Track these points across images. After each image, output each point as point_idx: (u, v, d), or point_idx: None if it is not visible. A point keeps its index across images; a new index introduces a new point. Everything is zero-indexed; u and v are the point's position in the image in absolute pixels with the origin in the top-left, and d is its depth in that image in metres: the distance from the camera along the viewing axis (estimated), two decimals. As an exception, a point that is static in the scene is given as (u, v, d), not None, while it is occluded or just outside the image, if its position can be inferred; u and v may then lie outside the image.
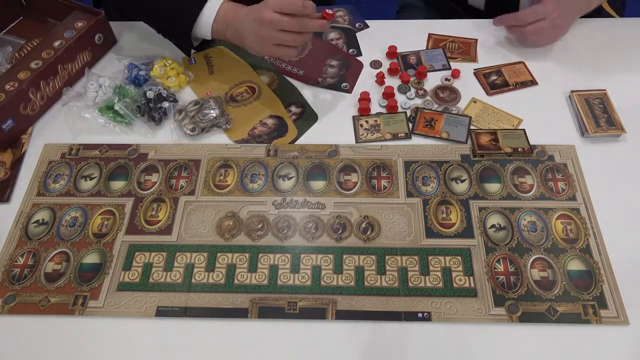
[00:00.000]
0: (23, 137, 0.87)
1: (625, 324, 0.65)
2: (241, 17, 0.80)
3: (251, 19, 0.78)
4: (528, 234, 0.73)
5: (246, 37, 0.80)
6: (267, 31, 0.77)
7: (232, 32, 0.82)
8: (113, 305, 0.69)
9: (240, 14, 0.81)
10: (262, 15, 0.76)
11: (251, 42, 0.80)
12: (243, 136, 0.86)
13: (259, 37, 0.78)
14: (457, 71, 0.92)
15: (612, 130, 0.82)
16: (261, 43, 0.79)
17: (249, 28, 0.79)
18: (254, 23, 0.78)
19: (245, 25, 0.79)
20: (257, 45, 0.80)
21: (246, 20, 0.79)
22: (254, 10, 0.78)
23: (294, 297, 0.68)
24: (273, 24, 0.76)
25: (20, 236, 0.75)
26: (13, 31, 1.03)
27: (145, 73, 0.91)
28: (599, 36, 0.97)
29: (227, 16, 0.82)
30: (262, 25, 0.76)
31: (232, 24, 0.82)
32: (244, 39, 0.81)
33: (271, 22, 0.75)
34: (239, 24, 0.81)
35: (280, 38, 0.77)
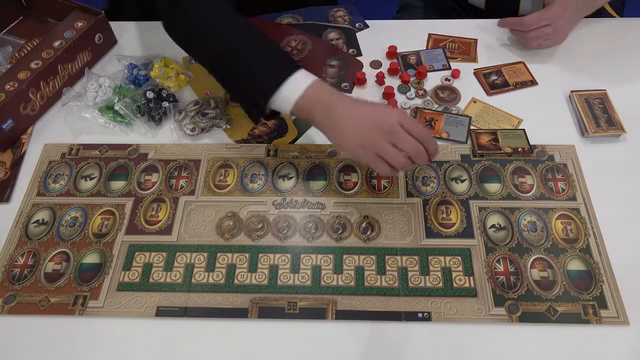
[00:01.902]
0: (23, 137, 0.87)
1: (625, 324, 0.65)
2: (346, 106, 0.69)
3: (366, 115, 0.67)
4: (528, 234, 0.73)
5: (345, 128, 0.68)
6: (381, 137, 0.66)
7: (322, 114, 0.69)
8: (113, 305, 0.69)
9: (345, 101, 0.69)
10: (386, 120, 0.66)
11: (349, 137, 0.68)
12: (243, 136, 0.86)
13: (367, 138, 0.66)
14: (457, 71, 0.92)
15: (612, 130, 0.82)
16: (364, 144, 0.67)
17: (357, 123, 0.67)
18: (367, 121, 0.67)
19: (351, 116, 0.68)
20: (356, 143, 0.68)
21: (356, 112, 0.68)
22: (372, 108, 0.68)
23: (294, 297, 0.68)
24: (393, 135, 0.66)
25: (20, 236, 0.75)
26: (13, 31, 1.03)
27: (145, 73, 0.91)
28: (599, 36, 0.97)
29: (321, 96, 0.69)
30: (378, 129, 0.66)
31: (326, 107, 0.69)
32: (339, 129, 0.68)
33: (393, 132, 0.65)
34: (341, 111, 0.68)
35: (389, 152, 0.66)
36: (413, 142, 0.66)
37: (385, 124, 0.66)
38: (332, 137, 0.70)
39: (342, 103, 0.69)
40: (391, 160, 0.67)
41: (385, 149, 0.66)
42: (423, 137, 0.67)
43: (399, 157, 0.66)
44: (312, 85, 0.69)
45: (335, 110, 0.68)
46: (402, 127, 0.66)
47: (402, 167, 0.68)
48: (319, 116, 0.69)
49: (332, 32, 1.01)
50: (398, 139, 0.66)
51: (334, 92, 0.70)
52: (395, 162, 0.67)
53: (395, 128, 0.66)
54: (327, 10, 1.06)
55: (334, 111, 0.68)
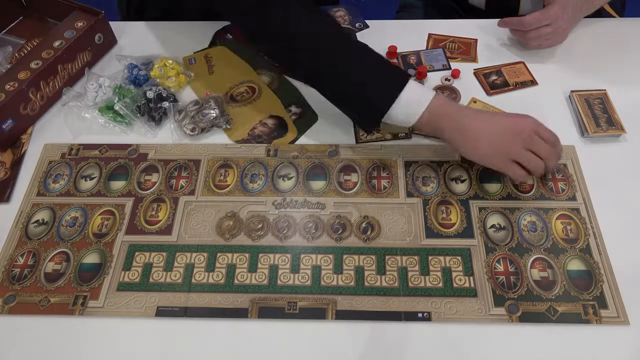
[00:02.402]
0: (23, 137, 0.87)
1: (625, 324, 0.65)
2: (477, 116, 0.73)
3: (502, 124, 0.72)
4: (528, 234, 0.73)
5: (481, 138, 0.71)
6: (519, 144, 0.70)
7: (452, 126, 0.72)
8: (113, 305, 0.69)
9: (474, 111, 0.74)
10: (524, 127, 0.71)
11: (486, 146, 0.71)
12: (243, 136, 0.86)
13: (505, 145, 0.70)
14: (457, 71, 0.92)
15: (612, 130, 0.82)
16: (502, 152, 0.71)
17: (493, 131, 0.71)
18: (504, 129, 0.71)
19: (486, 126, 0.72)
20: (493, 152, 0.71)
21: (490, 122, 0.72)
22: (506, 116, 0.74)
23: (294, 297, 0.68)
24: (531, 142, 0.70)
25: (20, 236, 0.75)
26: (13, 31, 1.03)
27: (145, 73, 0.91)
28: (599, 36, 0.97)
29: (446, 109, 0.73)
30: (517, 136, 0.70)
31: (455, 118, 0.72)
32: (474, 139, 0.72)
33: (531, 138, 0.70)
34: (473, 121, 0.72)
35: (529, 159, 0.70)
36: (548, 147, 0.71)
37: (524, 131, 0.70)
38: (465, 147, 0.73)
39: (474, 117, 0.72)
40: (530, 165, 0.71)
41: (524, 155, 0.70)
42: (554, 141, 0.72)
43: (537, 161, 0.70)
44: (435, 99, 0.72)
45: (467, 120, 0.72)
46: (537, 133, 0.71)
47: (539, 172, 0.72)
48: (451, 130, 0.72)
49: (332, 32, 1.01)
50: (535, 145, 0.70)
51: (456, 104, 0.73)
52: (534, 167, 0.71)
53: (533, 135, 0.70)
54: (327, 10, 1.06)
55: (466, 122, 0.72)
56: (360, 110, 0.78)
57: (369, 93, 0.73)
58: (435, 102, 0.72)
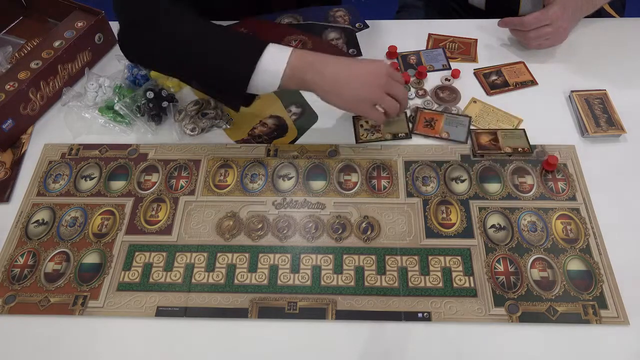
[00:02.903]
0: (23, 137, 0.87)
1: (625, 324, 0.65)
2: (338, 65, 0.74)
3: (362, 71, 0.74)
4: (528, 234, 0.73)
5: (345, 85, 0.73)
6: (379, 89, 0.74)
7: (316, 77, 0.73)
8: (113, 305, 0.69)
9: (335, 60, 0.74)
10: (381, 72, 0.74)
11: (349, 93, 0.74)
12: (243, 136, 0.86)
13: (367, 90, 0.74)
14: (457, 71, 0.92)
15: (612, 130, 0.82)
16: (365, 97, 0.75)
17: (355, 78, 0.73)
18: (364, 75, 0.74)
19: (348, 73, 0.73)
20: (356, 97, 0.74)
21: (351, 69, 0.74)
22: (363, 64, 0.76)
23: (294, 297, 0.68)
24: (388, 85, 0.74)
25: (20, 236, 0.75)
26: (13, 31, 1.03)
27: (145, 73, 0.91)
28: (599, 36, 0.97)
29: (308, 60, 0.73)
30: (376, 81, 0.74)
31: (318, 69, 0.72)
32: (339, 87, 0.73)
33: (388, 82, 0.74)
34: (335, 70, 0.73)
35: (387, 101, 0.75)
36: (402, 89, 0.77)
37: (382, 76, 0.74)
38: (329, 95, 0.74)
39: (333, 63, 0.74)
40: (388, 107, 0.76)
41: (383, 98, 0.75)
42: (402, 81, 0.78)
43: (394, 103, 0.76)
44: (293, 53, 0.72)
45: (329, 70, 0.73)
46: (390, 76, 0.75)
47: (395, 112, 0.77)
48: (313, 79, 0.73)
49: (332, 32, 1.01)
50: (394, 88, 0.75)
51: (317, 54, 0.74)
52: (392, 108, 0.76)
53: (389, 79, 0.75)
54: (327, 10, 1.06)
55: (328, 71, 0.73)
56: (225, 89, 0.76)
57: (227, 70, 0.72)
58: (294, 57, 0.72)
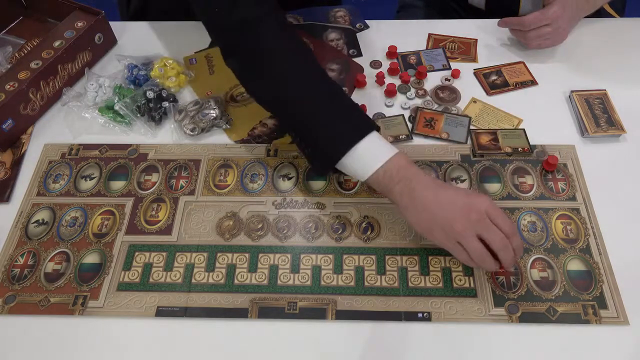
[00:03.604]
0: (23, 137, 0.87)
1: (625, 324, 0.65)
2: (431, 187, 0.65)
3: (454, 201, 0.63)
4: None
5: (429, 211, 0.64)
6: (467, 227, 0.62)
7: (404, 191, 0.65)
8: (113, 305, 0.69)
9: (430, 182, 0.66)
10: (476, 209, 0.62)
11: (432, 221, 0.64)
12: (243, 136, 0.86)
13: (452, 225, 0.62)
14: (457, 71, 0.92)
15: (612, 130, 0.82)
16: (448, 231, 0.63)
17: (443, 207, 0.63)
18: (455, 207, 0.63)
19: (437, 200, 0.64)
20: (439, 228, 0.63)
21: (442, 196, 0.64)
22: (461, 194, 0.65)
23: (294, 297, 0.68)
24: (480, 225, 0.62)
25: (20, 236, 0.75)
26: (13, 31, 1.03)
27: (145, 73, 0.91)
28: (599, 36, 0.97)
29: (403, 173, 0.66)
30: (466, 217, 0.62)
31: (409, 185, 0.65)
32: (422, 211, 0.64)
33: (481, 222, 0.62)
34: (426, 192, 0.64)
35: (471, 246, 0.62)
36: (500, 236, 0.62)
37: (475, 212, 0.62)
38: (411, 216, 0.66)
39: (427, 183, 0.65)
40: (472, 251, 0.62)
41: (468, 240, 0.62)
42: (510, 231, 0.63)
43: (481, 252, 0.62)
44: (395, 157, 0.66)
45: (420, 189, 0.64)
46: (490, 217, 0.63)
47: (485, 264, 0.63)
48: (401, 195, 0.65)
49: (332, 33, 1.01)
50: (486, 230, 0.62)
51: (415, 168, 0.66)
52: (476, 257, 0.62)
53: (485, 218, 0.62)
54: (328, 10, 1.06)
55: (419, 191, 0.64)
56: (315, 153, 0.72)
57: (326, 137, 0.69)
58: (394, 161, 0.66)
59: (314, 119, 0.70)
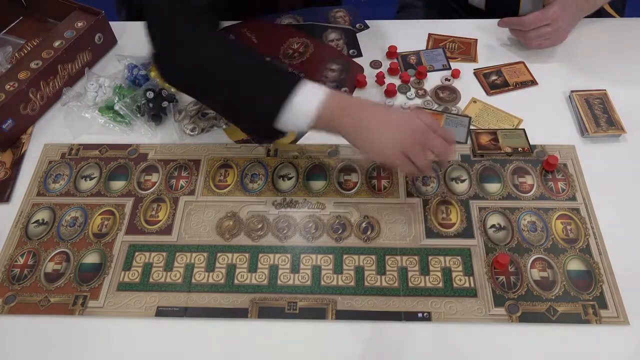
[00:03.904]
0: (23, 137, 0.87)
1: (625, 324, 0.65)
2: (374, 112, 0.69)
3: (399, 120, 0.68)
4: (528, 234, 0.73)
5: (379, 134, 0.68)
6: (414, 141, 0.67)
7: (350, 122, 0.68)
8: (113, 305, 0.69)
9: (371, 106, 0.69)
10: (419, 124, 0.68)
11: (383, 142, 0.68)
12: (243, 136, 0.86)
13: (401, 142, 0.67)
14: (457, 71, 0.92)
15: (612, 130, 0.82)
16: (398, 148, 0.67)
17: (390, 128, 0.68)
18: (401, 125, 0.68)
19: (383, 122, 0.68)
20: (390, 148, 0.67)
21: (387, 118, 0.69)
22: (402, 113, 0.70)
23: (294, 297, 0.68)
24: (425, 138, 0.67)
25: (20, 236, 0.75)
26: (13, 31, 1.03)
27: (145, 73, 0.91)
28: (599, 36, 0.97)
29: (343, 104, 0.68)
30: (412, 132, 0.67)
31: (353, 114, 0.68)
32: (372, 135, 0.68)
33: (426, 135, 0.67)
34: (371, 117, 0.68)
35: (418, 155, 0.67)
36: (442, 142, 0.69)
37: (419, 127, 0.68)
38: (362, 143, 0.68)
39: (365, 107, 0.69)
40: (418, 162, 0.68)
41: (417, 153, 0.67)
42: (450, 138, 0.70)
43: (427, 162, 0.68)
44: (327, 95, 0.68)
45: (362, 115, 0.68)
46: (432, 129, 0.68)
47: (425, 169, 0.69)
48: (344, 122, 0.68)
49: (332, 33, 1.01)
50: (430, 141, 0.68)
51: (352, 98, 0.69)
52: (422, 165, 0.68)
53: (427, 130, 0.68)
54: (328, 10, 1.06)
55: (361, 117, 0.68)
56: (253, 123, 0.72)
57: (257, 104, 0.69)
58: (331, 99, 0.68)
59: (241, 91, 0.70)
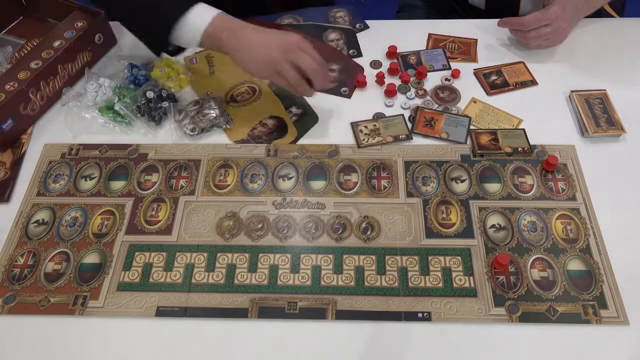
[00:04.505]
0: (23, 137, 0.87)
1: (625, 324, 0.65)
2: (253, 30, 0.77)
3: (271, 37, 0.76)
4: (528, 234, 0.73)
5: (253, 49, 0.76)
6: (282, 55, 0.75)
7: (231, 38, 0.77)
8: (113, 305, 0.69)
9: (252, 27, 0.77)
10: (288, 40, 0.75)
11: (255, 56, 0.76)
12: (243, 136, 0.86)
13: (270, 56, 0.75)
14: (457, 71, 0.92)
15: (612, 130, 0.82)
16: (267, 62, 0.76)
17: (263, 44, 0.76)
18: (272, 41, 0.76)
19: (258, 39, 0.76)
20: (261, 61, 0.76)
21: (262, 35, 0.76)
22: (276, 32, 0.77)
23: (294, 297, 0.68)
24: (292, 54, 0.75)
25: (20, 236, 0.75)
26: (13, 31, 1.03)
27: (145, 73, 0.91)
28: (599, 36, 0.97)
29: (228, 24, 0.77)
30: (280, 47, 0.75)
31: (234, 33, 0.77)
32: (247, 50, 0.76)
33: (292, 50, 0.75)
34: (249, 35, 0.76)
35: (286, 70, 0.75)
36: (310, 60, 0.75)
37: (286, 45, 0.75)
38: (239, 58, 0.77)
39: (249, 28, 0.77)
40: (288, 77, 0.75)
41: (284, 67, 0.75)
42: (318, 59, 0.77)
43: (295, 75, 0.75)
44: (219, 15, 0.77)
45: (244, 34, 0.76)
46: (301, 49, 0.75)
47: (297, 84, 0.76)
48: (228, 39, 0.76)
49: (332, 33, 1.01)
50: (297, 57, 0.75)
51: (240, 21, 0.78)
52: (291, 79, 0.76)
53: (293, 46, 0.75)
54: (328, 11, 1.06)
55: (242, 35, 0.76)
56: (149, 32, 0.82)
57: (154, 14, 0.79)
58: (218, 18, 0.77)
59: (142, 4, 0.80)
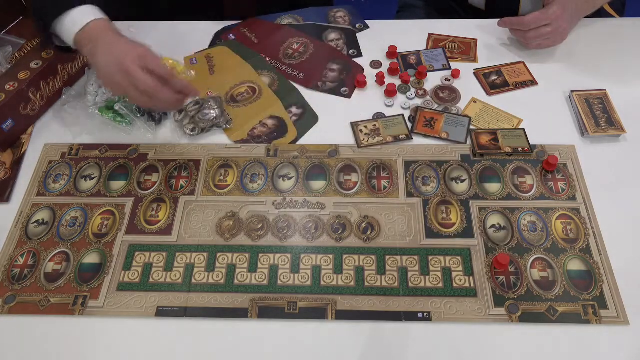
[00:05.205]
0: (23, 137, 0.87)
1: (625, 324, 0.65)
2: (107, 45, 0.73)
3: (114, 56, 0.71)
4: (528, 234, 0.73)
5: (100, 67, 0.73)
6: (121, 78, 0.70)
7: (88, 50, 0.75)
8: (113, 305, 0.69)
9: (109, 40, 0.74)
10: (123, 61, 0.70)
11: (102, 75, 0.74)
12: (243, 136, 0.86)
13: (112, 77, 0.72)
14: (457, 71, 0.92)
15: (612, 130, 0.82)
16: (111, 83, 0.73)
17: (107, 63, 0.72)
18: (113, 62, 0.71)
19: (105, 56, 0.72)
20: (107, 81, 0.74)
21: (110, 51, 0.72)
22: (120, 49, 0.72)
23: (294, 297, 0.68)
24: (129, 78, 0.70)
25: (20, 236, 0.75)
26: (13, 31, 1.03)
27: (145, 73, 0.91)
28: (599, 36, 0.97)
29: (93, 33, 0.74)
30: (119, 70, 0.70)
31: (92, 44, 0.74)
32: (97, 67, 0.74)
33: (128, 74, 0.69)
34: (101, 49, 0.73)
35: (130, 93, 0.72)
36: (148, 84, 0.69)
37: (123, 65, 0.69)
38: (99, 73, 0.74)
39: (105, 41, 0.73)
40: (132, 100, 0.73)
41: (126, 89, 0.71)
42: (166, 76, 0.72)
43: (138, 97, 0.71)
44: (93, 22, 0.74)
45: (97, 47, 0.73)
46: (143, 67, 0.70)
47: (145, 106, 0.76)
48: (87, 52, 0.75)
49: (332, 33, 1.01)
50: (133, 80, 0.69)
51: (107, 31, 0.75)
52: (137, 102, 0.73)
53: (129, 70, 0.69)
54: (328, 11, 1.06)
55: (97, 48, 0.73)
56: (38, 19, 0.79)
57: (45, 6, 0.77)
58: (91, 25, 0.74)
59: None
